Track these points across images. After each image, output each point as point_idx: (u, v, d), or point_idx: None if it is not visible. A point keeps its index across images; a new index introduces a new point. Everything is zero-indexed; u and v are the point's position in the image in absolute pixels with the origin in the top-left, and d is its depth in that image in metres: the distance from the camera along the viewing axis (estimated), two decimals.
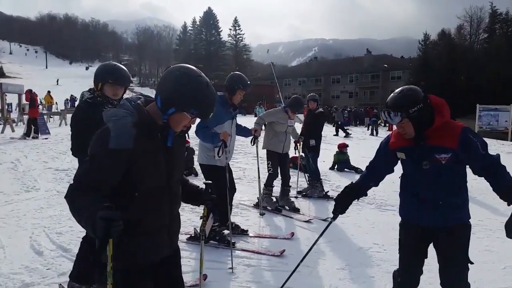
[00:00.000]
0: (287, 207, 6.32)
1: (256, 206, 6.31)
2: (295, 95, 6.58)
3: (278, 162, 6.35)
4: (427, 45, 54.62)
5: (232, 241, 4.42)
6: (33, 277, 3.77)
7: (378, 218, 5.94)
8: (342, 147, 10.41)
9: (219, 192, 3.74)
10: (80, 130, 3.20)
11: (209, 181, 2.30)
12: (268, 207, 6.22)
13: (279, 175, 6.47)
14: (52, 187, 7.29)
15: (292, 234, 4.94)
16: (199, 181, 5.23)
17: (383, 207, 6.55)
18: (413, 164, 2.59)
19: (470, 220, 2.62)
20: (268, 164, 6.30)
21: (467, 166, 2.57)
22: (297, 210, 6.26)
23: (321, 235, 3.02)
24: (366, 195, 2.89)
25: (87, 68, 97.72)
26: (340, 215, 2.88)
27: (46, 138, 14.09)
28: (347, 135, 20.58)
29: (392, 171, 2.82)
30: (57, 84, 61.37)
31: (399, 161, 2.74)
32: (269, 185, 6.32)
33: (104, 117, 1.93)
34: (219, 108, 4.54)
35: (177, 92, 1.88)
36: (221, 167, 4.61)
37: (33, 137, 14.10)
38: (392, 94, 2.56)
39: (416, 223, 2.64)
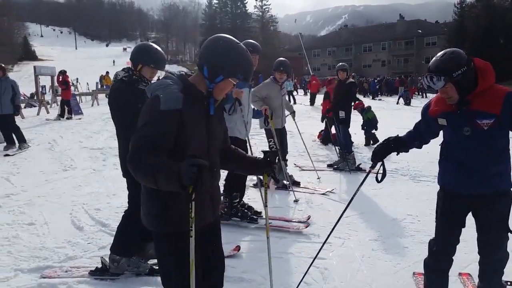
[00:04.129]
0: (285, 181, 6.05)
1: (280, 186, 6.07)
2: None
3: (279, 138, 6.04)
4: (463, 8, 51.86)
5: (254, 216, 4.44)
6: (75, 251, 3.97)
7: (412, 189, 5.83)
8: (357, 106, 9.89)
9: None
10: (121, 108, 3.30)
11: (267, 150, 2.41)
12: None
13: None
14: (88, 166, 7.55)
15: (309, 217, 4.75)
16: None
17: (417, 178, 6.41)
18: (454, 130, 2.50)
19: None
20: (270, 141, 5.97)
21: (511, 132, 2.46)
22: (297, 184, 6.14)
23: (358, 189, 2.99)
24: (407, 151, 2.82)
25: (107, 45, 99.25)
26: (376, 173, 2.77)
27: (79, 119, 14.49)
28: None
29: (437, 135, 2.75)
30: (114, 64, 61.80)
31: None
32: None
33: (148, 90, 2.06)
34: None
35: (224, 60, 1.99)
36: (241, 140, 4.53)
37: (67, 118, 14.54)
38: (434, 58, 2.45)
39: (456, 191, 2.56)
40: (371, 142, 9.65)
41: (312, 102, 20.53)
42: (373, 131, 9.75)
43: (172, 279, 2.11)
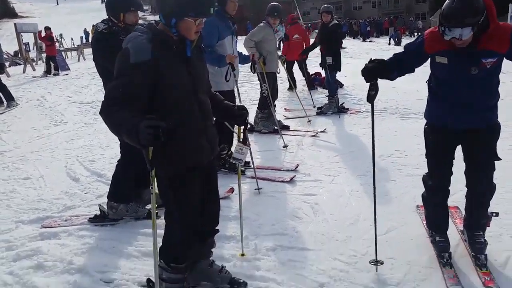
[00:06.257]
0: (275, 127, 6.02)
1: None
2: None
3: (271, 82, 5.93)
4: None
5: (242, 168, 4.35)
6: (73, 201, 4.07)
7: (400, 127, 5.92)
8: None
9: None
10: (104, 60, 3.26)
11: (242, 105, 2.45)
12: (264, 130, 6.14)
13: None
14: (79, 120, 7.54)
15: (297, 165, 4.68)
16: None
17: (406, 116, 6.49)
18: (457, 69, 2.43)
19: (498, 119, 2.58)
20: (263, 86, 5.86)
21: None
22: (286, 128, 6.17)
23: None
24: (390, 79, 2.65)
25: None
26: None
27: (66, 74, 14.26)
28: None
29: (413, 71, 2.69)
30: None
31: (429, 64, 2.58)
32: (264, 108, 6.09)
33: (123, 44, 2.08)
34: (216, 20, 4.20)
35: (170, 2, 2.00)
36: (229, 91, 4.43)
37: (54, 74, 14.30)
38: (453, 6, 2.22)
39: (447, 126, 2.57)
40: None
41: None
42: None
43: (174, 214, 2.28)
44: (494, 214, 2.78)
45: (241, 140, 2.68)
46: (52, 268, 2.90)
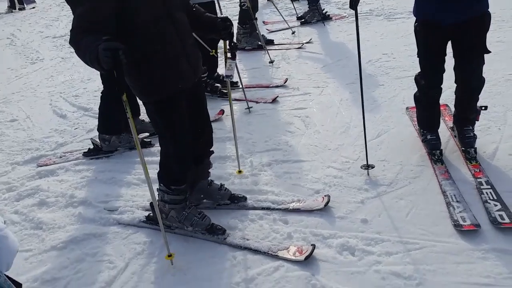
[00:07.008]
0: (259, 42, 5.77)
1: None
2: None
3: None
4: None
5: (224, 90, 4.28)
6: (64, 138, 4.05)
7: (387, 29, 5.74)
8: None
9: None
10: None
11: (225, 16, 2.35)
12: (247, 47, 5.88)
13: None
14: (56, 55, 7.23)
15: (286, 80, 4.58)
16: None
17: (392, 17, 6.25)
18: None
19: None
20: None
21: None
22: (270, 42, 5.95)
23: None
24: None
25: None
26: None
27: (33, 8, 13.36)
28: None
29: None
30: None
31: None
32: (245, 23, 5.75)
33: None
34: None
35: None
36: (208, 3, 4.11)
37: (19, 9, 13.38)
38: None
39: (438, 21, 2.49)
40: None
41: None
42: None
43: (166, 138, 2.31)
44: (483, 108, 2.82)
45: (228, 55, 2.59)
46: (55, 203, 2.98)
